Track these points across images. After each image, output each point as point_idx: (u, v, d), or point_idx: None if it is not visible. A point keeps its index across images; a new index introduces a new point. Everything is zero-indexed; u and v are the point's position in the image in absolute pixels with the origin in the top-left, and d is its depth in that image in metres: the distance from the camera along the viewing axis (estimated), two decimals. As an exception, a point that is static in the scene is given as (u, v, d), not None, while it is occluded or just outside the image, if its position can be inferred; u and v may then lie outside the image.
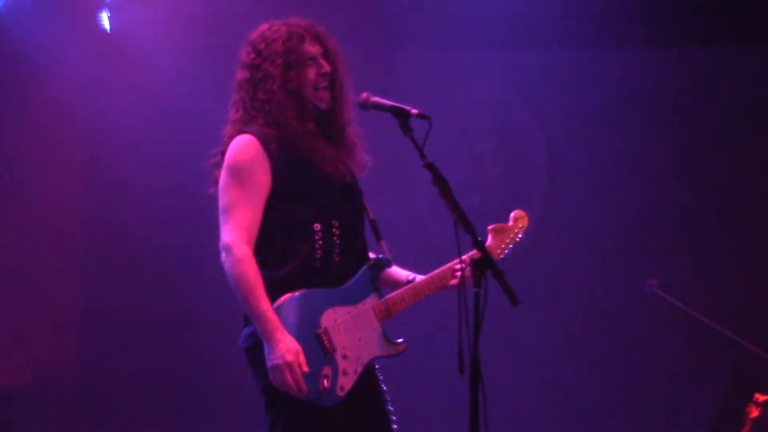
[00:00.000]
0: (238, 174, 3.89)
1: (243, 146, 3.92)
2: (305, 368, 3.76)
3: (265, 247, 3.91)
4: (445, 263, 4.06)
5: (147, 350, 7.25)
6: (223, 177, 3.93)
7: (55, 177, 7.21)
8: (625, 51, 7.30)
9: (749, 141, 7.14)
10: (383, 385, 4.08)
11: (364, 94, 3.98)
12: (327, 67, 4.04)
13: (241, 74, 4.07)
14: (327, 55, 4.07)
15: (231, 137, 3.98)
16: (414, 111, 3.83)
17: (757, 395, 5.77)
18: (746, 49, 7.09)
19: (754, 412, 5.75)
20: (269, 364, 3.77)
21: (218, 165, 4.00)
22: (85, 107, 7.14)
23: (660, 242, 7.22)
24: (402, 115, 3.84)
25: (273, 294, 3.83)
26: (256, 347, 3.85)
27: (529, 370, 7.30)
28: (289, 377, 3.74)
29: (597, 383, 7.20)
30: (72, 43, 6.95)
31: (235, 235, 3.84)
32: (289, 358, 3.73)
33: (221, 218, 3.90)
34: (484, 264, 3.57)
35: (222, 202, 3.91)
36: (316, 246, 3.91)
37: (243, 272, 3.80)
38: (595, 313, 7.26)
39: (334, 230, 3.96)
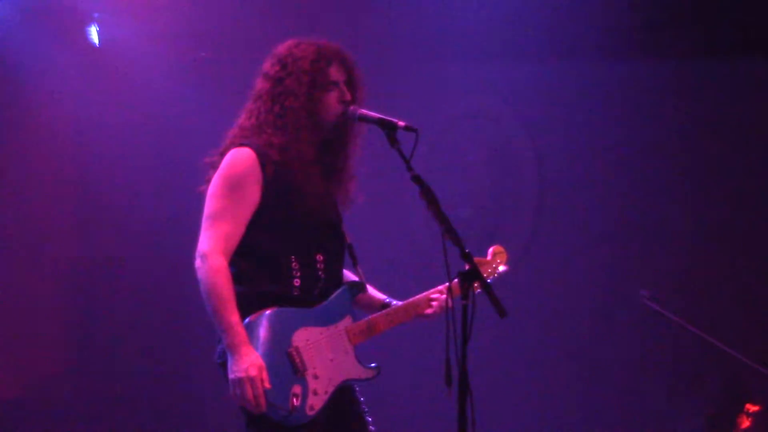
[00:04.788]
0: (229, 185, 3.87)
1: (240, 159, 3.89)
2: (267, 385, 3.72)
3: (242, 262, 3.89)
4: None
5: (140, 362, 7.24)
6: (213, 184, 3.91)
7: (44, 188, 7.19)
8: (616, 62, 7.30)
9: (743, 151, 7.14)
10: (360, 397, 4.06)
11: (351, 107, 3.98)
12: (348, 96, 4.02)
13: (261, 85, 4.04)
14: (350, 83, 4.05)
15: (233, 144, 3.96)
16: (401, 123, 3.83)
17: (748, 405, 5.77)
18: (741, 60, 7.08)
19: (745, 423, 5.75)
20: (231, 376, 3.74)
21: (214, 166, 3.98)
22: (73, 120, 7.14)
23: (651, 253, 7.21)
24: (389, 128, 3.84)
25: (245, 309, 3.81)
26: None
27: (519, 382, 7.28)
28: (249, 392, 3.71)
29: (588, 394, 7.19)
30: (61, 56, 6.96)
31: (213, 245, 3.82)
32: (253, 373, 3.70)
33: (203, 224, 3.88)
34: (472, 276, 3.56)
35: (208, 208, 3.90)
36: (295, 275, 3.89)
37: (216, 283, 3.77)
38: (585, 324, 7.25)
39: (318, 265, 3.95)
